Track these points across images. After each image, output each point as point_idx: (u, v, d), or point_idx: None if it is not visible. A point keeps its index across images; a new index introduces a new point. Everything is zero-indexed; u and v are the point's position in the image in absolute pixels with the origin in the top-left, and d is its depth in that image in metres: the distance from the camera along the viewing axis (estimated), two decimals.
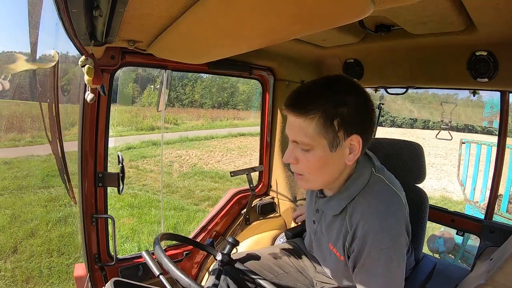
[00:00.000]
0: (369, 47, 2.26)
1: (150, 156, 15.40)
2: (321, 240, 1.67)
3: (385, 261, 1.29)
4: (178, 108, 32.96)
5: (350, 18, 1.03)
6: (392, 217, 1.33)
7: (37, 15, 1.31)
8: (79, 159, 1.95)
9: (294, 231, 2.37)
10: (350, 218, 1.41)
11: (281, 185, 2.96)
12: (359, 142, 1.33)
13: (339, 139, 1.31)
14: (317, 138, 1.31)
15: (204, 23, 1.21)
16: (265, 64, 2.73)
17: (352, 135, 1.32)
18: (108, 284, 1.37)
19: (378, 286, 1.31)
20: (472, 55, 2.00)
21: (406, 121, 41.54)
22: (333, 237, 1.53)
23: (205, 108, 32.66)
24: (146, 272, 2.20)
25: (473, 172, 7.37)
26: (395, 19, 1.68)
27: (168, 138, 19.16)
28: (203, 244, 1.85)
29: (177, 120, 26.93)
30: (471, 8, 1.43)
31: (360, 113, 1.34)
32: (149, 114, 24.43)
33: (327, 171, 1.38)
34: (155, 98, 22.81)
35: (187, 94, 37.07)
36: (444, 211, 2.59)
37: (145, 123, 23.70)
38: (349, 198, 1.42)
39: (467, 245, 5.41)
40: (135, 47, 1.69)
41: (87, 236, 2.03)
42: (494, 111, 7.15)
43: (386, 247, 1.29)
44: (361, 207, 1.38)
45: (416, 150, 2.07)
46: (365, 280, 1.35)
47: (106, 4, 0.93)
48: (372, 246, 1.30)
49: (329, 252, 1.59)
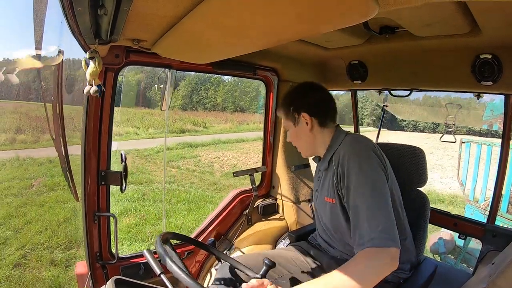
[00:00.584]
0: (373, 48, 2.26)
1: (188, 157, 16.76)
2: (320, 200, 2.01)
3: (362, 174, 1.65)
4: (203, 112, 33.99)
5: (355, 19, 1.03)
6: (361, 144, 1.78)
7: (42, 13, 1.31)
8: (82, 157, 1.95)
9: (297, 233, 2.38)
10: (336, 162, 1.80)
11: (284, 186, 2.95)
12: (309, 117, 1.90)
13: (295, 117, 1.93)
14: (287, 121, 1.99)
15: (208, 23, 1.22)
16: (269, 64, 2.73)
17: (302, 113, 1.90)
18: (109, 282, 1.37)
19: (362, 192, 1.62)
20: (476, 58, 1.99)
21: (429, 126, 41.46)
22: (326, 188, 1.92)
23: (227, 111, 33.00)
24: (147, 271, 2.20)
25: (473, 172, 7.33)
26: (400, 21, 1.67)
27: (201, 141, 20.39)
28: (206, 245, 1.86)
29: (205, 123, 27.99)
30: (476, 11, 1.43)
31: (306, 100, 1.94)
32: (178, 117, 26.35)
33: (302, 142, 2.00)
34: (178, 101, 25.12)
35: (210, 98, 37.37)
36: (446, 214, 2.58)
37: (175, 126, 25.09)
38: (332, 151, 1.89)
39: (468, 247, 5.38)
40: (139, 46, 1.70)
41: (88, 234, 2.03)
42: (494, 114, 7.13)
43: (359, 162, 1.68)
44: (341, 151, 1.79)
45: (418, 155, 2.10)
46: (353, 195, 1.65)
47: (111, 3, 0.93)
48: (350, 166, 1.69)
49: (324, 205, 1.94)
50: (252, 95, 37.12)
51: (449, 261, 5.49)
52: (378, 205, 1.56)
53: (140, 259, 2.22)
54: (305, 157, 2.14)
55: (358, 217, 1.57)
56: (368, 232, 1.50)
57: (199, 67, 2.34)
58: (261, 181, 3.08)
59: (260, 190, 3.00)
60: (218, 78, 35.96)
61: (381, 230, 1.49)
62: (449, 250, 5.56)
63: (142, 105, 31.79)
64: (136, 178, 11.98)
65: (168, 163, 15.39)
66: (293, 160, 2.98)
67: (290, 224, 2.90)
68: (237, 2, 0.98)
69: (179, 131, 25.07)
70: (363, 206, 1.57)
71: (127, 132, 23.15)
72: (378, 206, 1.56)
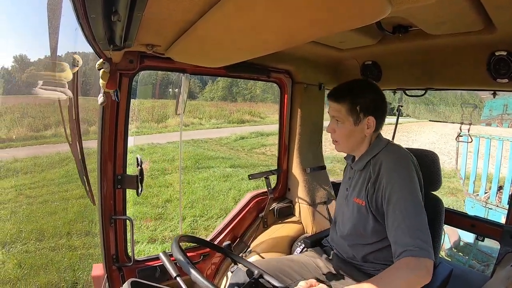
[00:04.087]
0: (386, 48, 2.24)
1: (268, 144, 18.16)
2: (349, 200, 2.01)
3: (404, 185, 1.70)
4: (252, 103, 34.43)
5: (368, 19, 1.03)
6: (404, 160, 1.80)
7: (57, 20, 1.33)
8: (99, 161, 1.98)
9: (313, 239, 2.37)
10: (373, 167, 1.85)
11: (300, 188, 2.93)
12: (373, 121, 1.87)
13: (360, 118, 1.86)
14: (346, 116, 1.87)
15: (221, 27, 1.22)
16: (283, 67, 2.72)
17: (369, 116, 1.86)
18: (125, 284, 1.39)
19: (404, 202, 1.66)
20: (491, 55, 1.96)
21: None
22: (358, 189, 1.94)
23: (266, 102, 33.15)
24: (163, 274, 2.22)
25: (472, 165, 7.24)
26: (413, 19, 1.66)
27: (265, 130, 21.51)
28: (221, 248, 1.87)
29: (260, 113, 28.76)
30: (489, 7, 1.41)
31: (374, 103, 1.88)
32: (235, 108, 28.17)
33: (351, 139, 1.93)
34: (217, 93, 27.74)
35: (249, 89, 37.50)
36: (464, 215, 2.55)
37: (233, 117, 26.51)
38: (371, 155, 1.91)
39: (479, 244, 5.31)
40: (153, 51, 1.71)
41: (105, 236, 2.06)
42: (493, 114, 7.00)
43: (402, 174, 1.73)
44: (381, 158, 1.85)
45: (432, 159, 2.08)
46: (393, 205, 1.68)
47: (124, 9, 0.94)
48: (392, 176, 1.74)
49: (352, 205, 1.96)
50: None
51: (460, 259, 5.43)
52: (418, 217, 1.62)
53: (156, 262, 2.24)
54: (341, 151, 2.09)
55: (399, 226, 1.61)
56: (409, 241, 1.54)
57: (212, 71, 2.35)
58: (277, 184, 3.07)
59: (275, 193, 2.99)
60: None
61: (420, 240, 1.53)
62: (456, 246, 5.48)
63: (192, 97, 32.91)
64: (238, 163, 14.03)
65: (251, 150, 17.40)
66: (309, 162, 2.96)
67: (306, 226, 2.88)
68: (249, 6, 0.98)
69: (239, 121, 26.05)
70: (404, 216, 1.62)
71: (192, 122, 24.16)
72: (418, 218, 1.62)
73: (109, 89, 1.67)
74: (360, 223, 1.89)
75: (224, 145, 18.17)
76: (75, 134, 1.73)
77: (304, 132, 2.89)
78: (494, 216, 6.07)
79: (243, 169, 12.93)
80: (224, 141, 18.97)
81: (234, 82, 38.05)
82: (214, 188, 10.46)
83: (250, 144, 18.42)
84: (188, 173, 12.15)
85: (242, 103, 34.74)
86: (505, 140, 6.71)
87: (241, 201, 2.90)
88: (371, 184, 1.82)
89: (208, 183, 10.99)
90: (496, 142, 6.83)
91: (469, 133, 2.84)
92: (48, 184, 9.01)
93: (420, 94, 2.61)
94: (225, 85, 38.05)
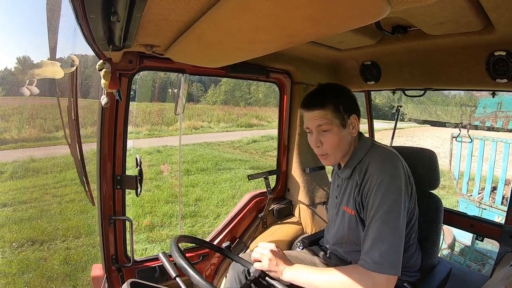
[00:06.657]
0: (386, 48, 2.24)
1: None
2: (340, 208, 1.97)
3: (385, 196, 1.63)
4: (255, 107, 34.53)
5: (367, 19, 1.02)
6: (389, 163, 1.73)
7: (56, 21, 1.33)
8: (98, 162, 1.98)
9: (311, 239, 2.37)
10: (359, 173, 1.80)
11: (299, 188, 2.93)
12: (356, 119, 1.85)
13: (345, 119, 1.80)
14: (333, 119, 1.78)
15: (220, 27, 1.22)
16: (282, 67, 2.72)
17: (351, 115, 1.83)
18: (125, 285, 1.39)
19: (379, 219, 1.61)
20: (490, 55, 1.96)
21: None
22: (346, 198, 1.90)
23: (269, 106, 33.27)
24: (162, 274, 2.22)
25: (465, 166, 7.31)
26: (412, 20, 1.66)
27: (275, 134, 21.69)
28: (221, 248, 1.86)
29: (266, 117, 28.95)
30: (488, 7, 1.41)
31: (352, 101, 1.87)
32: (242, 112, 28.63)
33: (341, 146, 1.83)
34: (220, 97, 26.92)
35: (252, 93, 37.52)
36: (463, 215, 2.55)
37: (241, 121, 26.86)
38: (357, 160, 1.85)
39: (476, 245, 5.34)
40: (152, 51, 1.71)
41: (104, 237, 2.06)
42: (487, 112, 7.03)
43: (386, 183, 1.65)
44: (366, 162, 1.79)
45: (430, 157, 2.08)
46: (370, 214, 1.66)
47: (123, 9, 0.94)
48: (375, 185, 1.67)
49: (342, 214, 1.93)
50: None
51: (456, 259, 5.45)
52: (391, 232, 1.59)
53: (156, 262, 2.24)
54: (329, 165, 2.02)
55: (369, 235, 1.63)
56: (368, 251, 1.58)
57: (212, 71, 2.35)
58: (276, 184, 3.07)
59: (275, 193, 2.99)
60: None
61: (379, 255, 1.54)
62: (450, 245, 5.49)
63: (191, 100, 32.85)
64: (256, 165, 14.49)
65: (265, 153, 17.81)
66: (308, 162, 2.96)
67: (306, 227, 2.88)
68: (248, 6, 0.98)
69: (247, 125, 26.36)
70: (376, 226, 1.61)
71: (202, 126, 24.56)
72: (391, 232, 1.59)
73: (111, 89, 1.67)
74: (353, 233, 1.86)
75: (237, 148, 18.71)
76: (74, 135, 1.73)
77: (303, 132, 2.88)
78: (488, 216, 6.11)
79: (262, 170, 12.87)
80: (236, 144, 19.49)
81: (237, 86, 38.34)
82: (241, 188, 10.99)
83: (263, 147, 18.92)
84: (211, 174, 12.69)
85: (248, 107, 34.93)
86: (498, 142, 6.78)
87: (240, 201, 2.90)
88: (357, 193, 1.78)
89: (233, 183, 11.53)
90: (489, 143, 6.90)
91: (468, 133, 2.85)
92: (71, 184, 9.13)
93: (420, 95, 2.62)
94: (228, 89, 38.15)
